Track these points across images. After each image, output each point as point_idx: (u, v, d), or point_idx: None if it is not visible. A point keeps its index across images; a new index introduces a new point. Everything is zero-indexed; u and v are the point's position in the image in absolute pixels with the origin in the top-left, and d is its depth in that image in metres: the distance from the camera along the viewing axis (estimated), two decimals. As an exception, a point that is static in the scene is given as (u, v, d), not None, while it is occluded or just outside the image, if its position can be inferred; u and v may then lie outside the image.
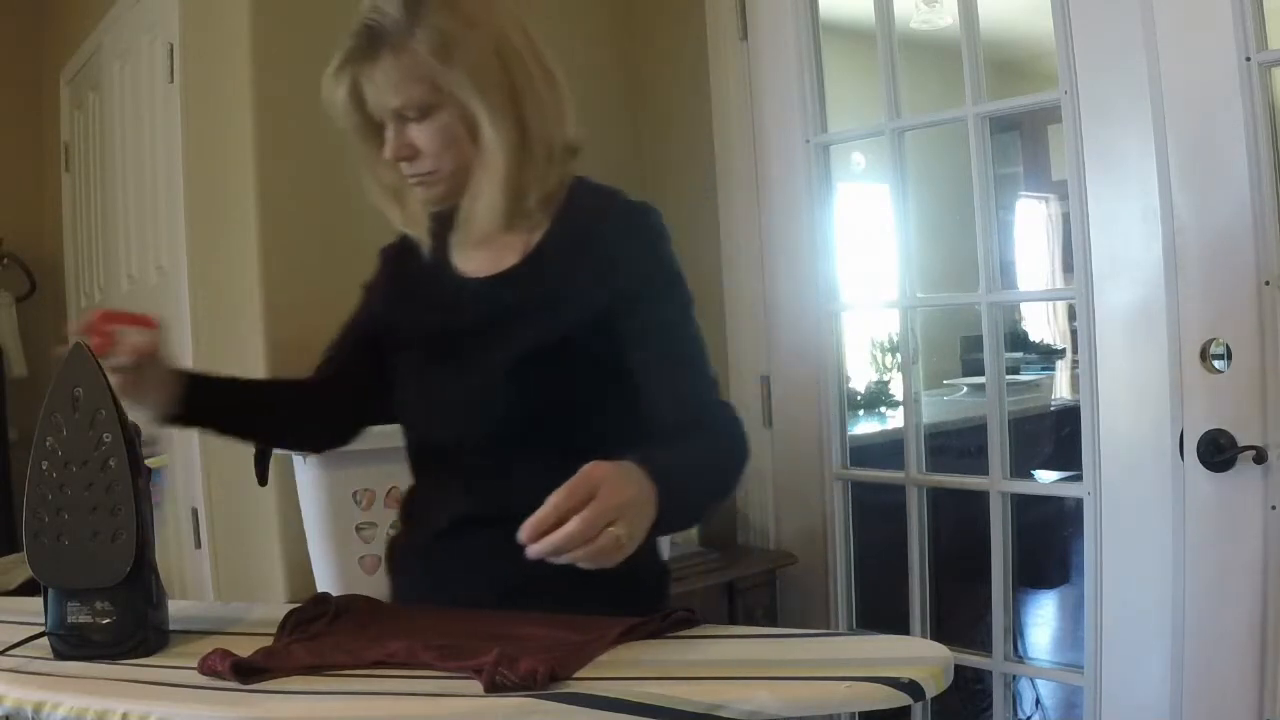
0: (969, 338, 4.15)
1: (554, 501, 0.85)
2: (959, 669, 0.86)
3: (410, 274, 1.26)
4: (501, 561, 0.95)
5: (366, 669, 0.90)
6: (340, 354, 1.33)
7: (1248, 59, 1.54)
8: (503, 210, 1.13)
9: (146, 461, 1.04)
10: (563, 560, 0.85)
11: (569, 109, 1.19)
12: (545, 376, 1.12)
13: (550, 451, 1.04)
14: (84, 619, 0.97)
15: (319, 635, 0.98)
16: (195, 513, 2.33)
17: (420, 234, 1.22)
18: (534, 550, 0.84)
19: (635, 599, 1.05)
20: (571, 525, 0.84)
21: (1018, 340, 4.91)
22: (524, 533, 0.85)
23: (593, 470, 0.87)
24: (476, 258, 1.20)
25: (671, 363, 1.13)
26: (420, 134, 1.12)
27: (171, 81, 2.33)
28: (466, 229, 1.15)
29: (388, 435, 1.28)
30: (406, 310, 1.25)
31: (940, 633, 2.15)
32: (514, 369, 1.12)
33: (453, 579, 1.15)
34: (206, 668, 0.89)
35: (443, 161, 1.14)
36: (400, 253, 1.29)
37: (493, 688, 0.82)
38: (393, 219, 1.23)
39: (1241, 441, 1.58)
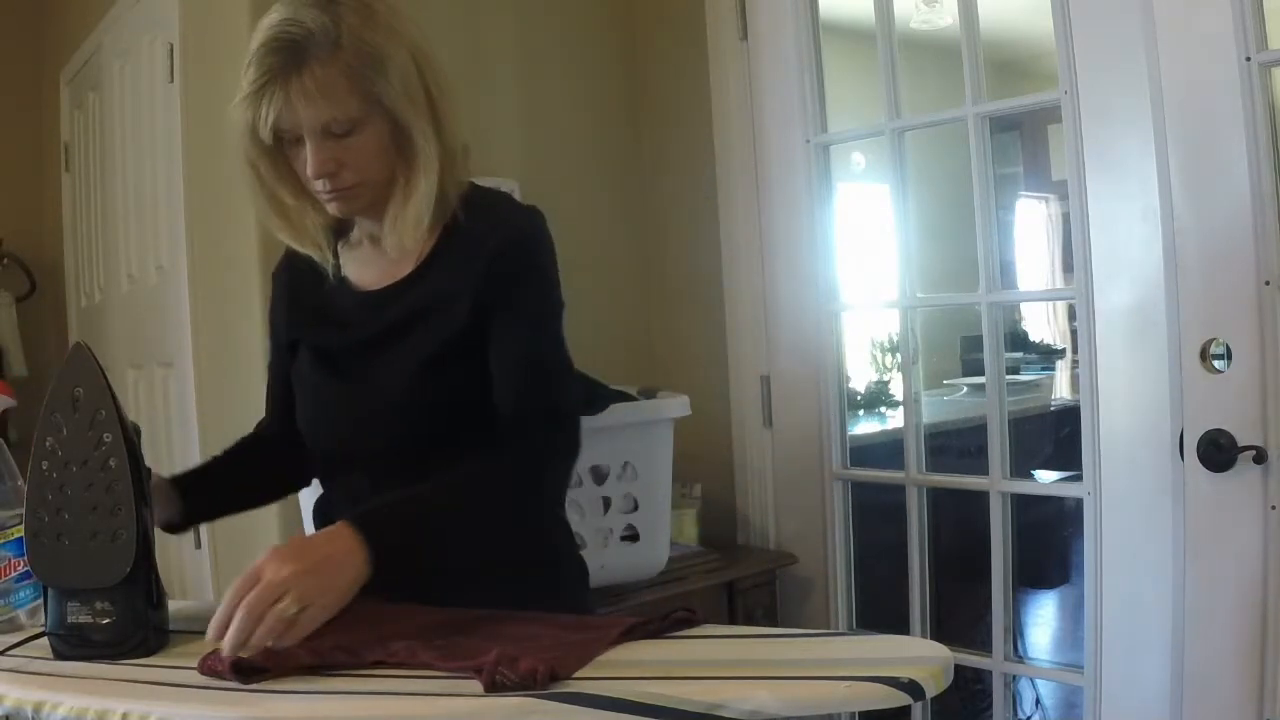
0: (969, 338, 4.15)
1: (227, 597, 0.90)
2: (959, 669, 0.86)
3: (304, 290, 1.26)
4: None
5: (366, 668, 0.90)
6: (275, 392, 1.33)
7: (1248, 59, 1.54)
8: (429, 218, 1.13)
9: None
10: (253, 642, 0.88)
11: (461, 110, 1.19)
12: (440, 382, 1.13)
13: (453, 449, 1.10)
14: (84, 619, 0.97)
15: (319, 634, 0.98)
16: (195, 513, 2.33)
17: (317, 252, 1.21)
18: (224, 649, 0.89)
19: (555, 595, 1.14)
20: (236, 619, 0.89)
21: (1018, 340, 4.91)
22: (210, 632, 0.90)
23: (260, 560, 0.92)
24: (370, 270, 1.21)
25: (509, 371, 1.13)
26: (347, 147, 1.10)
27: (171, 81, 2.33)
28: (396, 239, 1.14)
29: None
30: (304, 326, 1.26)
31: (940, 633, 2.15)
32: (411, 377, 1.13)
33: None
34: (206, 668, 0.89)
35: (368, 174, 1.12)
36: (290, 271, 1.29)
37: (493, 687, 0.82)
38: (285, 238, 1.21)
39: (1241, 441, 1.58)
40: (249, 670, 0.88)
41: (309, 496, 1.77)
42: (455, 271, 1.15)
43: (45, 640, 0.99)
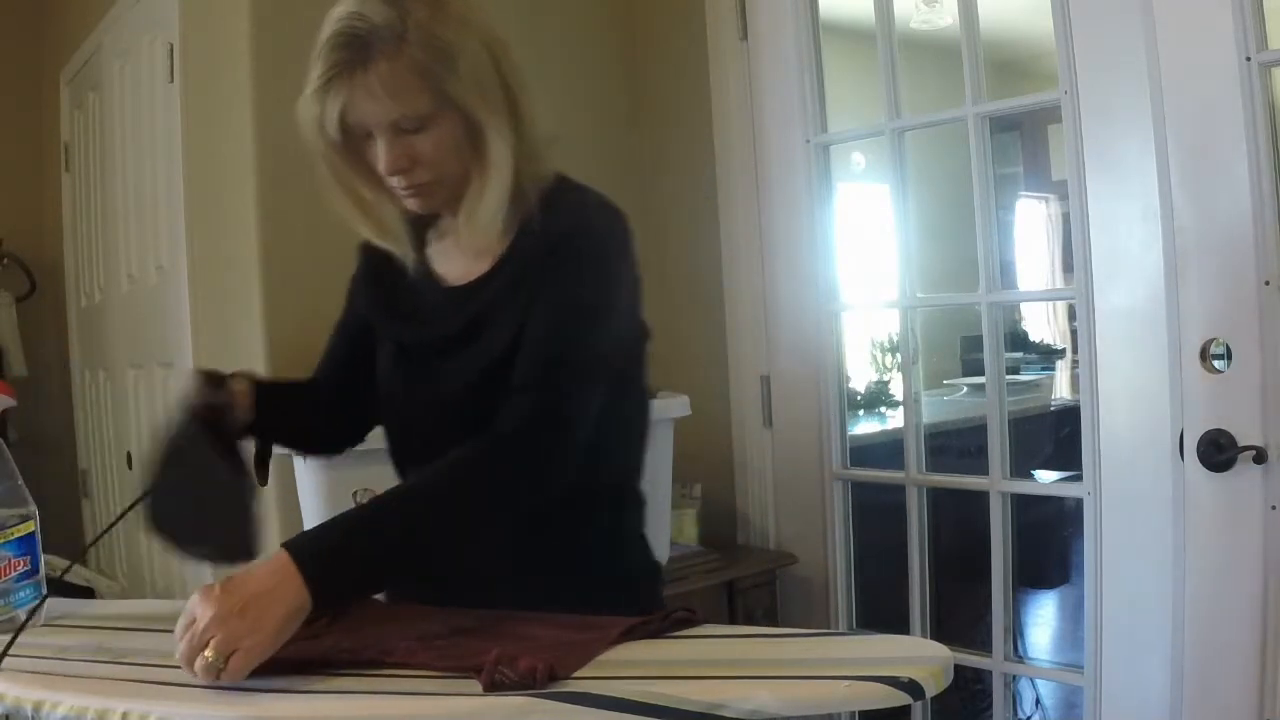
0: (969, 338, 4.16)
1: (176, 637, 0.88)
2: (959, 669, 0.86)
3: (390, 279, 1.24)
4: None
5: (365, 668, 0.90)
6: (336, 352, 1.32)
7: (1248, 59, 1.54)
8: (506, 215, 1.10)
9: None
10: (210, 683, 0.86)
11: (541, 105, 1.16)
12: (501, 386, 1.10)
13: None
14: None
15: (319, 634, 0.98)
16: (195, 513, 2.33)
17: (397, 246, 1.19)
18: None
19: (624, 598, 1.07)
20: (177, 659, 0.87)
21: (1018, 340, 4.91)
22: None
23: (191, 600, 0.89)
24: (455, 264, 1.19)
25: (521, 359, 1.08)
26: (420, 144, 1.07)
27: (171, 81, 2.33)
28: (472, 236, 1.12)
29: (386, 435, 1.28)
30: (383, 315, 1.24)
31: (940, 632, 2.15)
32: (471, 383, 1.11)
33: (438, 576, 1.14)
34: None
35: (442, 171, 1.09)
36: (374, 252, 1.26)
37: (492, 686, 0.82)
38: (365, 233, 1.19)
39: (1241, 441, 1.58)
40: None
41: (308, 495, 1.78)
42: (519, 273, 1.11)
43: (46, 640, 0.99)
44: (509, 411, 1.04)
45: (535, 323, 1.08)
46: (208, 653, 0.85)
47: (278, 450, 1.71)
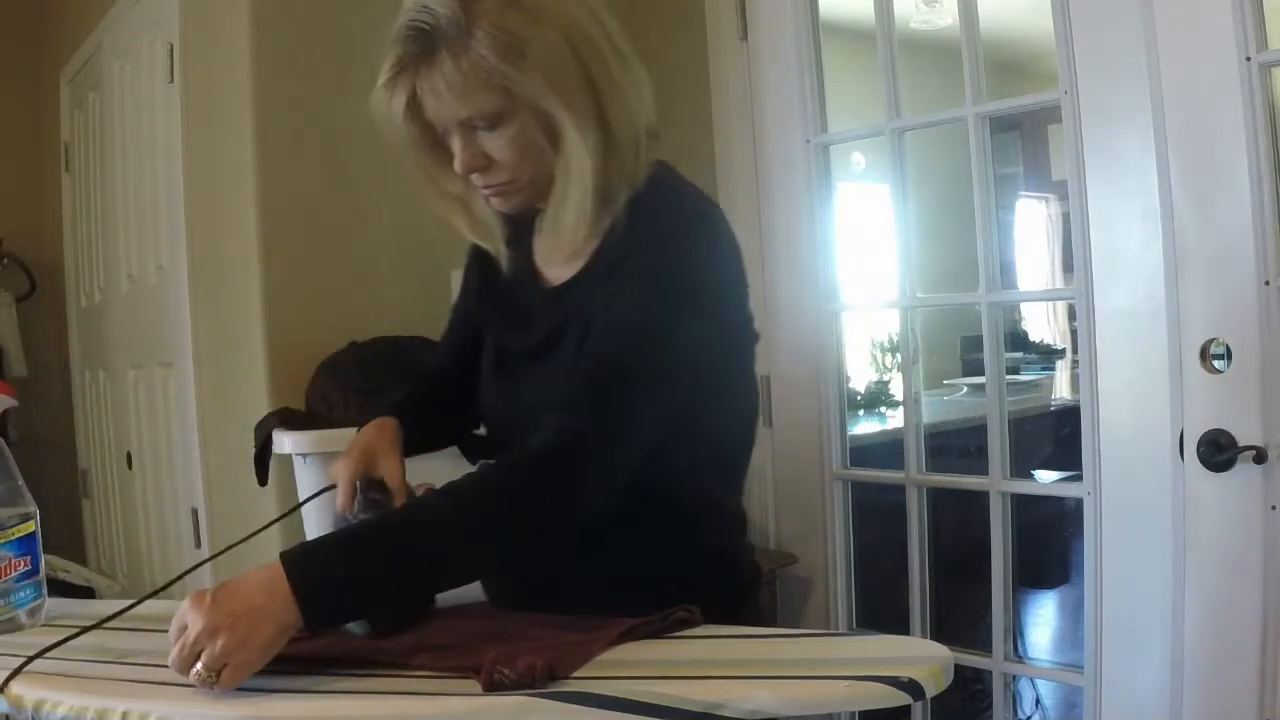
0: (969, 338, 4.16)
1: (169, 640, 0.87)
2: (959, 669, 0.86)
3: (492, 272, 1.19)
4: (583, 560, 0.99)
5: (361, 667, 0.90)
6: (453, 337, 1.30)
7: (1248, 59, 1.54)
8: (593, 217, 1.04)
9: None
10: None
11: (647, 89, 1.08)
12: None
13: None
14: None
15: (319, 635, 0.98)
16: (195, 513, 2.33)
17: (492, 244, 1.14)
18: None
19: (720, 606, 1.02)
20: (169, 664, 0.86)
21: (1018, 340, 4.91)
22: None
23: (183, 606, 0.87)
24: (555, 260, 1.13)
25: (572, 371, 1.03)
26: (493, 143, 1.02)
27: (171, 81, 2.33)
28: (555, 241, 1.06)
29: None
30: (490, 315, 1.21)
31: (940, 633, 2.15)
32: (553, 392, 1.06)
33: (534, 575, 1.11)
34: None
35: (520, 171, 1.04)
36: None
37: (491, 686, 0.82)
38: (461, 229, 1.14)
39: (1241, 441, 1.58)
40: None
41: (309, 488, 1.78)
42: (600, 278, 1.06)
43: (46, 640, 0.99)
44: (544, 431, 0.98)
45: (592, 339, 1.04)
46: (199, 667, 0.84)
47: (278, 451, 1.71)
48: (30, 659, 0.92)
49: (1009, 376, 2.98)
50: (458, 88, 0.98)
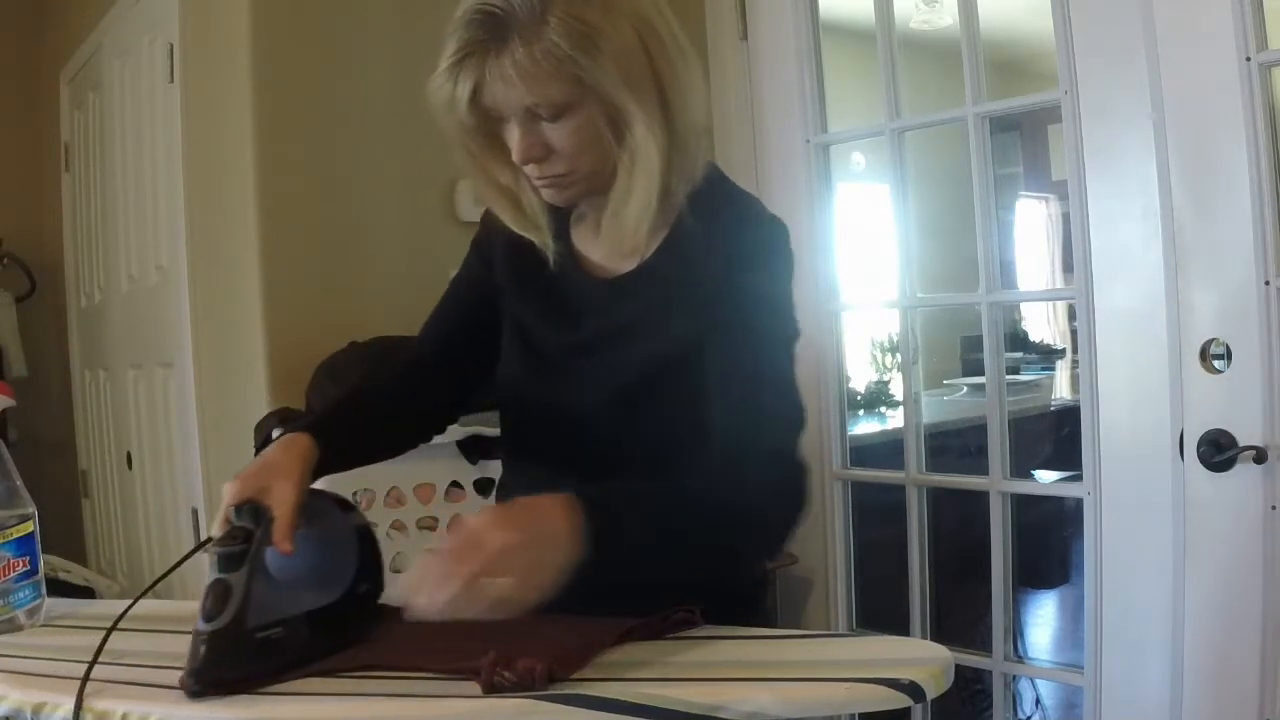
0: (969, 338, 4.15)
1: (437, 557, 0.81)
2: (959, 669, 0.86)
3: (528, 263, 1.15)
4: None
5: (360, 670, 0.90)
6: (445, 323, 1.23)
7: (1248, 59, 1.54)
8: (655, 212, 1.03)
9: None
10: (458, 614, 0.80)
11: (703, 87, 1.09)
12: (642, 400, 1.07)
13: (644, 462, 1.05)
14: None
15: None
16: (195, 513, 2.33)
17: (539, 236, 1.12)
18: (412, 613, 0.81)
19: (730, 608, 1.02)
20: (449, 587, 0.80)
21: (1018, 340, 4.91)
22: (407, 588, 0.81)
23: (467, 522, 0.83)
24: (598, 253, 1.12)
25: (733, 395, 1.03)
26: (555, 133, 1.00)
27: (171, 81, 2.33)
28: (617, 235, 1.06)
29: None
30: (527, 308, 1.16)
31: (940, 633, 2.15)
32: (614, 392, 1.07)
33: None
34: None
35: (579, 163, 1.02)
36: (510, 234, 1.16)
37: (491, 689, 0.82)
38: (508, 221, 1.12)
39: (1241, 441, 1.58)
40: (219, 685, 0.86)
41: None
42: (680, 278, 1.06)
43: (46, 641, 0.99)
44: (752, 455, 1.00)
45: (737, 359, 1.04)
46: (503, 582, 0.79)
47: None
48: (90, 666, 0.89)
49: (1009, 376, 2.98)
50: (529, 75, 0.96)
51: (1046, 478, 2.71)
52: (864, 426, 3.19)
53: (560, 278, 1.14)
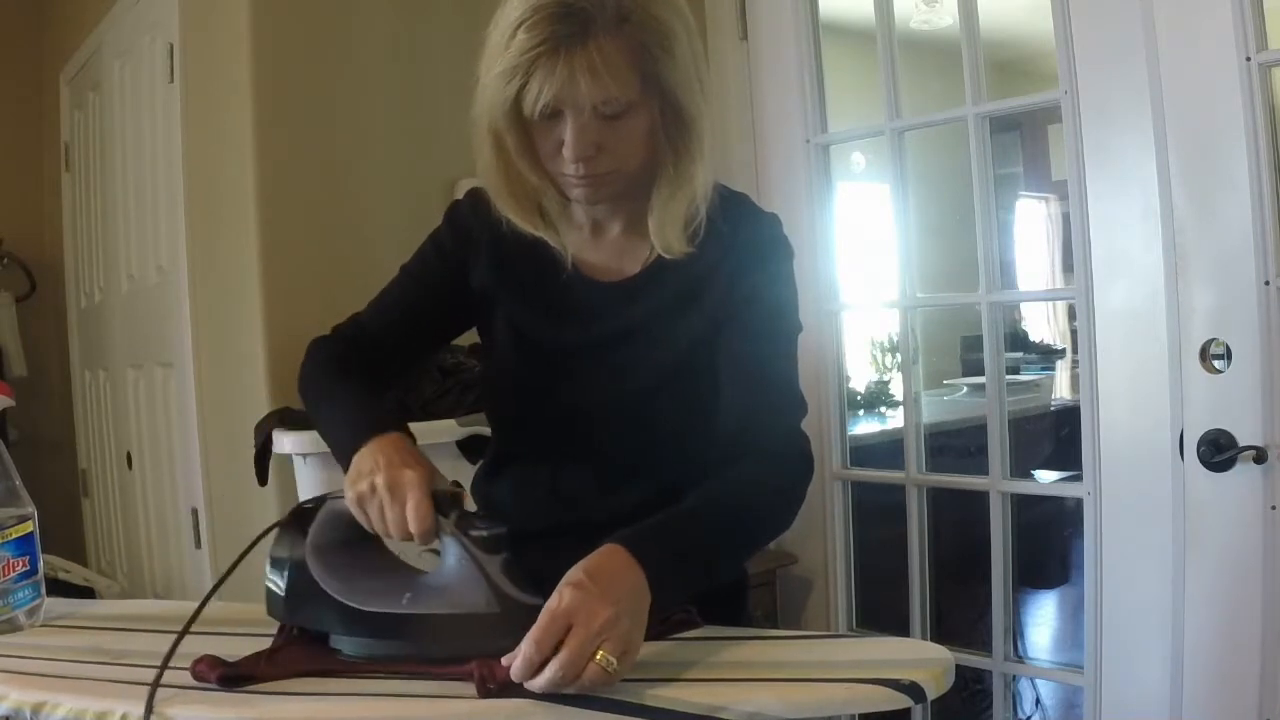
0: (969, 338, 4.15)
1: (534, 639, 0.80)
2: (959, 669, 0.86)
3: (518, 262, 1.15)
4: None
5: (360, 673, 0.90)
6: (398, 309, 1.21)
7: (1248, 59, 1.54)
8: (694, 216, 1.05)
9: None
10: (568, 691, 0.80)
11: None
12: (660, 398, 1.08)
13: (655, 460, 1.07)
14: None
15: (320, 638, 0.98)
16: (195, 513, 2.33)
17: (555, 238, 1.11)
18: (532, 686, 0.80)
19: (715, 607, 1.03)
20: (550, 671, 0.79)
21: (1018, 340, 4.90)
22: (517, 672, 0.80)
23: (562, 599, 0.81)
24: (596, 256, 1.13)
25: (744, 387, 1.06)
26: (613, 131, 1.00)
27: (171, 81, 2.33)
28: (662, 238, 1.06)
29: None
30: (526, 307, 1.15)
31: (940, 633, 2.15)
32: (662, 378, 1.08)
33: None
34: (197, 674, 0.89)
35: (628, 162, 1.03)
36: (495, 230, 1.14)
37: (485, 694, 0.82)
38: (520, 222, 1.10)
39: (1241, 441, 1.58)
40: (236, 679, 0.87)
41: (308, 495, 1.77)
42: (692, 278, 1.07)
43: (46, 641, 0.99)
44: (770, 441, 1.03)
45: (747, 352, 1.06)
46: (604, 657, 0.79)
47: (278, 451, 1.69)
48: (161, 671, 0.88)
49: (1009, 376, 2.98)
50: (610, 68, 0.95)
51: (1046, 478, 2.71)
52: (864, 426, 3.19)
53: (562, 280, 1.13)
